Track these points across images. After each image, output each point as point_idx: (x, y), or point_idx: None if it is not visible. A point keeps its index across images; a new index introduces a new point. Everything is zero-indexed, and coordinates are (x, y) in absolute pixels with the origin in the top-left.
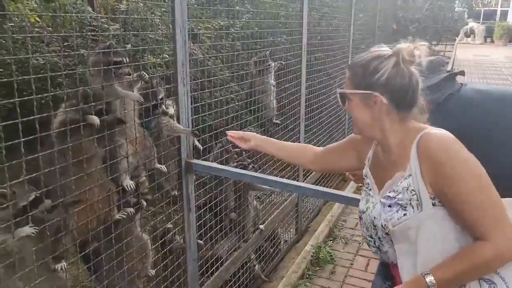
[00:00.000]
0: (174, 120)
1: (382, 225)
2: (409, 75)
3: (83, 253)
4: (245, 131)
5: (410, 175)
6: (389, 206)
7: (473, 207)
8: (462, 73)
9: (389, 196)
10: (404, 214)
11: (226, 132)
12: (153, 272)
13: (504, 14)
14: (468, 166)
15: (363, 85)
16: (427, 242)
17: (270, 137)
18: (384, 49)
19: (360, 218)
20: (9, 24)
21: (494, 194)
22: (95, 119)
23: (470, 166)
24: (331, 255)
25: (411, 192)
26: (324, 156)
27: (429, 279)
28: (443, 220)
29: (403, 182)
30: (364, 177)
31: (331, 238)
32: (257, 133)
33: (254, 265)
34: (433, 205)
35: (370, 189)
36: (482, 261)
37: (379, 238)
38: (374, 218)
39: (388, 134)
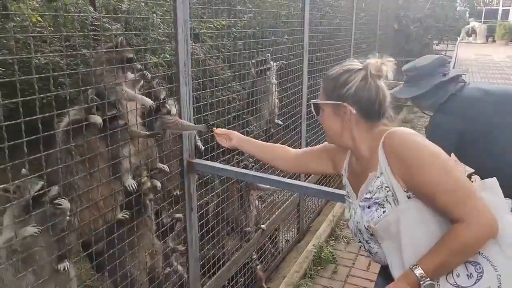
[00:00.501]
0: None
1: (365, 227)
2: (376, 89)
3: (89, 252)
4: (247, 130)
5: (382, 173)
6: (368, 207)
7: (442, 191)
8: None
9: (366, 198)
10: (384, 211)
11: (213, 128)
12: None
13: (506, 13)
14: (429, 154)
15: (334, 96)
16: (409, 234)
17: (272, 137)
18: (355, 63)
19: (348, 226)
20: (11, 24)
21: (459, 175)
22: (98, 119)
23: (431, 154)
24: (333, 255)
25: (385, 189)
26: (301, 159)
27: (418, 271)
28: (421, 211)
29: (376, 182)
30: (344, 186)
31: (333, 238)
32: (258, 133)
33: (256, 265)
34: (408, 197)
35: (349, 197)
36: (461, 242)
37: (366, 241)
38: (358, 222)
39: (358, 142)
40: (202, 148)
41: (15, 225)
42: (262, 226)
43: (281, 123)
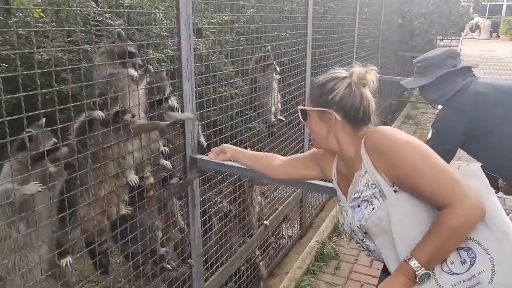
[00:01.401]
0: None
1: (358, 226)
2: (360, 96)
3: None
4: (249, 127)
5: (366, 171)
6: (358, 206)
7: (425, 180)
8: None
9: (355, 198)
10: (373, 208)
11: (207, 154)
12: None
13: (510, 9)
14: (408, 146)
15: (320, 103)
16: (400, 227)
17: (274, 134)
18: (341, 72)
19: (344, 230)
20: (13, 20)
21: (439, 161)
22: (99, 113)
23: (410, 145)
24: (336, 251)
25: (371, 186)
26: (290, 166)
27: (413, 262)
28: (409, 202)
29: (362, 180)
30: (335, 190)
31: (335, 234)
32: (260, 129)
33: (259, 261)
34: (394, 191)
35: (340, 201)
36: (451, 226)
37: (362, 240)
38: (350, 223)
39: (344, 146)
40: (205, 144)
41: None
42: (265, 222)
43: (284, 119)
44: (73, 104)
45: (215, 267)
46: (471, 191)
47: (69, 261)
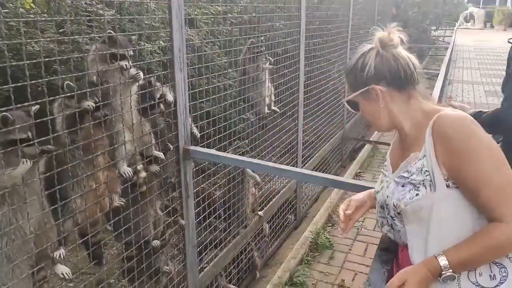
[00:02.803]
0: (172, 108)
1: (394, 204)
2: (394, 58)
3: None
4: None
5: (425, 156)
6: (402, 185)
7: (488, 187)
8: None
9: (403, 176)
10: (416, 194)
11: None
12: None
13: None
14: (483, 145)
15: (359, 84)
16: (440, 223)
17: (267, 125)
18: (365, 46)
19: (375, 198)
20: (2, 10)
21: (510, 173)
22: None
23: (486, 146)
24: (330, 241)
25: (424, 172)
26: None
27: (443, 261)
28: (458, 202)
29: (417, 163)
30: (385, 161)
31: (329, 224)
32: (253, 121)
33: (252, 250)
34: (447, 186)
35: (386, 170)
36: (497, 242)
37: (391, 217)
38: (387, 197)
39: (399, 118)
40: (198, 135)
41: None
42: (259, 213)
43: (278, 110)
44: (63, 96)
45: (209, 257)
46: None
47: (62, 253)
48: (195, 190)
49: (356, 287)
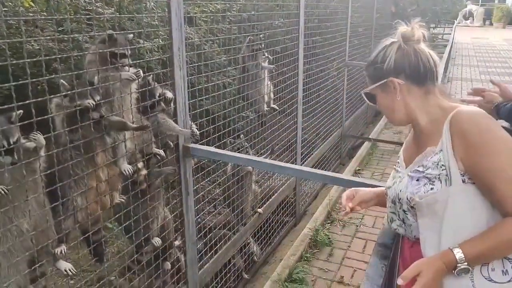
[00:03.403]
0: (171, 105)
1: (407, 198)
2: (415, 53)
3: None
4: (242, 115)
5: (441, 150)
6: (417, 179)
7: (504, 181)
8: None
9: (418, 170)
10: (431, 188)
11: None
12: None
13: None
14: (500, 140)
15: (378, 77)
16: (454, 218)
17: (267, 123)
18: (387, 40)
19: (386, 194)
20: (2, 9)
21: None
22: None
23: (503, 140)
24: (329, 238)
25: (441, 167)
26: None
27: (458, 254)
28: (474, 197)
29: (433, 157)
30: (398, 157)
31: (329, 221)
32: (253, 119)
33: (252, 246)
34: (463, 181)
35: (399, 166)
36: (511, 237)
37: (404, 211)
38: (400, 191)
39: (415, 112)
40: (198, 133)
41: None
42: (259, 210)
43: (277, 108)
44: (63, 94)
45: (209, 255)
46: None
47: (64, 249)
48: (194, 188)
49: (355, 284)
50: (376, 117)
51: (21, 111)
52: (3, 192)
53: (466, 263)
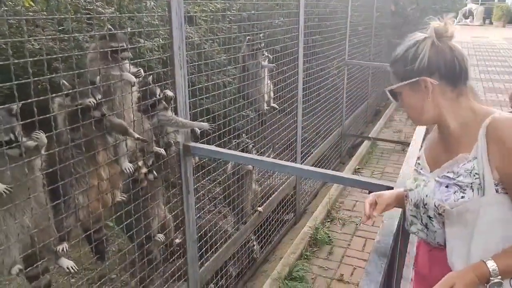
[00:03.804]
0: (171, 104)
1: (435, 205)
2: (450, 50)
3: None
4: (242, 114)
5: (475, 157)
6: (446, 186)
7: None
8: None
9: (447, 177)
10: (462, 197)
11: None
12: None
13: None
14: None
15: (408, 75)
16: (485, 228)
17: (267, 121)
18: (417, 35)
19: (407, 196)
20: (3, 8)
21: None
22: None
23: None
24: (329, 236)
25: (474, 175)
26: None
27: (493, 267)
28: (506, 208)
29: (466, 165)
30: (417, 158)
31: (328, 220)
32: (253, 117)
33: (253, 245)
34: (496, 191)
35: (421, 168)
36: None
37: (429, 217)
38: (426, 196)
39: (446, 115)
40: (198, 131)
41: None
42: (259, 208)
43: (277, 107)
44: (65, 93)
45: (210, 252)
46: None
47: (65, 247)
48: (195, 187)
49: (355, 281)
50: (376, 116)
51: (20, 104)
52: (7, 191)
53: (499, 276)
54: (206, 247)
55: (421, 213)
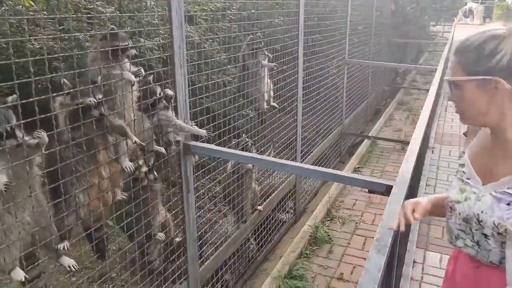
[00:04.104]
0: (172, 103)
1: (494, 223)
2: None
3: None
4: (242, 113)
5: None
6: (508, 204)
7: None
8: None
9: (508, 193)
10: None
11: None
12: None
13: None
14: None
15: (480, 70)
16: None
17: (267, 120)
18: (499, 28)
19: (452, 208)
20: (4, 8)
21: None
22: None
23: None
24: (329, 235)
25: None
26: None
27: None
28: None
29: None
30: (460, 166)
31: (328, 219)
32: (252, 116)
33: (252, 244)
34: None
35: (468, 178)
36: None
37: (484, 234)
38: (481, 212)
39: (507, 122)
40: None
41: None
42: (259, 207)
43: (277, 106)
44: (66, 92)
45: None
46: None
47: (66, 245)
48: (195, 185)
49: (355, 280)
50: (376, 115)
51: (15, 95)
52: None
53: None
54: (206, 246)
55: (472, 229)
